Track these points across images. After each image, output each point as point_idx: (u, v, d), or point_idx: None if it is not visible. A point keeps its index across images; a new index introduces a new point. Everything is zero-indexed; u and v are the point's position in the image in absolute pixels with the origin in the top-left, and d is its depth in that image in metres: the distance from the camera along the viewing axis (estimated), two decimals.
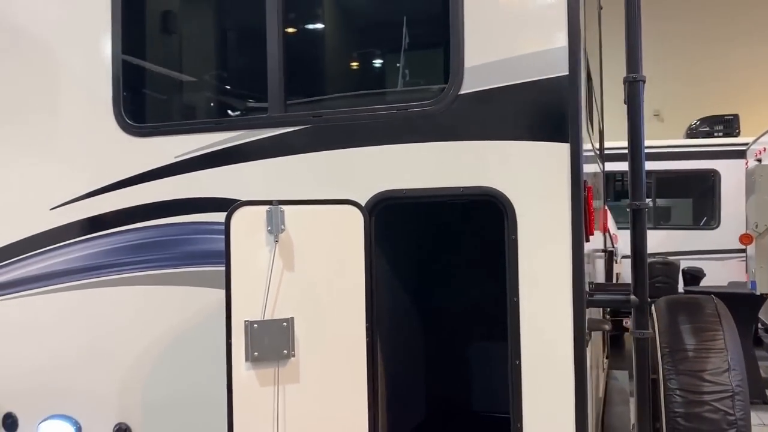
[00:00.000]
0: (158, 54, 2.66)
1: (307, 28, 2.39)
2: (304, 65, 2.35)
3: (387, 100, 2.25)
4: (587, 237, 2.19)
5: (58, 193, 2.59)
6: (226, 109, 2.62)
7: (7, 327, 2.69)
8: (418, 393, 2.80)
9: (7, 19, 2.66)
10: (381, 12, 2.40)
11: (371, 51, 2.37)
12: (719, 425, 2.22)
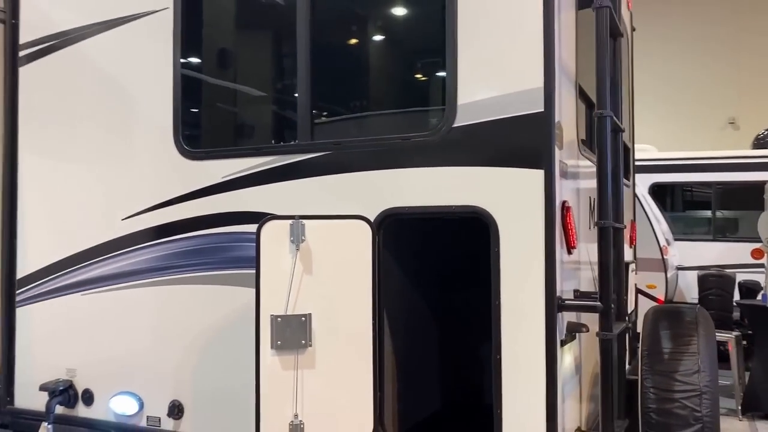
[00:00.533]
0: (209, 93, 3.14)
1: (331, 73, 2.81)
2: (327, 102, 2.78)
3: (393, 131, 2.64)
4: (569, 250, 2.51)
5: (128, 206, 3.11)
6: (263, 137, 3.07)
7: (86, 318, 3.22)
8: (432, 385, 3.15)
9: (94, 69, 3.20)
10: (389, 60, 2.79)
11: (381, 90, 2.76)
12: (687, 420, 2.48)
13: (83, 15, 3.25)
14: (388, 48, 2.85)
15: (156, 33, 3.02)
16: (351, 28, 2.85)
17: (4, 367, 3.44)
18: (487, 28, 2.40)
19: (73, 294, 3.25)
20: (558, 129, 2.41)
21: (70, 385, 3.21)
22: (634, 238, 4.65)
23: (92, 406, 3.18)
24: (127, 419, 3.08)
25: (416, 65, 2.66)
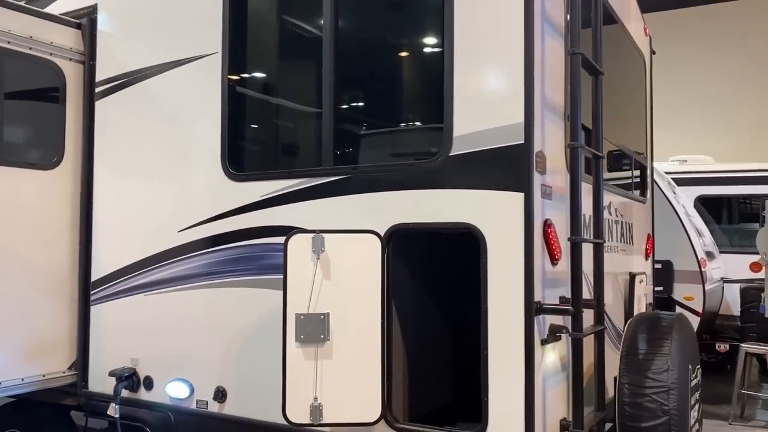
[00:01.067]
0: (249, 124, 3.66)
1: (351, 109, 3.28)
2: (347, 133, 3.25)
3: (400, 159, 3.07)
4: (553, 262, 2.89)
5: (183, 220, 3.65)
6: (294, 162, 3.56)
7: (148, 315, 3.77)
8: (443, 380, 3.55)
9: (157, 103, 3.77)
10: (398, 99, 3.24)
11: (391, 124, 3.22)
12: (655, 413, 2.82)
13: (148, 57, 3.84)
14: (397, 88, 3.30)
15: (207, 73, 3.57)
16: (369, 75, 3.32)
17: (80, 357, 4.04)
18: (478, 71, 2.82)
19: (138, 295, 3.82)
20: (540, 157, 2.79)
21: (134, 372, 3.78)
22: (650, 251, 4.92)
23: (152, 391, 3.73)
24: (180, 402, 3.61)
25: (421, 103, 3.10)
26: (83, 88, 4.07)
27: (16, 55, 3.81)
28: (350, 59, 3.21)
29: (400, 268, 3.08)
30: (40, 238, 3.90)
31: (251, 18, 3.59)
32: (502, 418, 2.72)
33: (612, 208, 3.98)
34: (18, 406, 4.55)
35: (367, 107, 3.32)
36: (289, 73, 3.60)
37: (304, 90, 3.44)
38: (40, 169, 3.92)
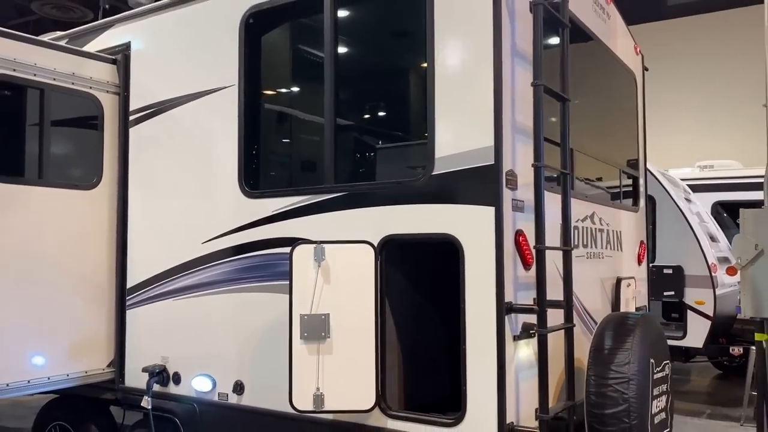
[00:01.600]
0: (262, 148, 4.12)
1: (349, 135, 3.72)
2: (346, 155, 3.68)
3: (390, 177, 3.49)
4: (525, 267, 3.26)
5: (206, 232, 4.12)
6: (300, 180, 4.00)
7: (176, 317, 4.24)
8: (437, 375, 3.93)
9: (182, 129, 4.26)
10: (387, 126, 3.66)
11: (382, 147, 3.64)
12: (617, 401, 3.17)
13: (175, 89, 4.33)
14: (386, 120, 3.74)
15: (226, 104, 4.04)
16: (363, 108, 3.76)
17: (117, 355, 4.54)
18: (455, 102, 3.23)
19: (167, 300, 4.30)
20: (510, 176, 3.18)
21: (164, 368, 4.25)
22: (642, 256, 5.23)
23: (179, 385, 4.19)
24: (204, 395, 4.07)
25: (407, 131, 3.52)
26: (119, 116, 4.59)
27: (60, 90, 4.35)
28: (347, 95, 3.66)
29: (392, 273, 3.49)
30: (82, 251, 4.41)
31: (263, 56, 4.06)
32: (478, 405, 3.10)
33: (596, 218, 4.33)
34: (62, 401, 5.08)
35: (361, 134, 3.77)
36: (295, 104, 4.07)
37: (307, 118, 3.88)
38: (82, 189, 4.44)
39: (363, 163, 3.71)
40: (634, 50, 5.41)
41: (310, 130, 3.95)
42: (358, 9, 3.82)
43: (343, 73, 3.63)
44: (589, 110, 4.93)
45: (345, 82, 3.66)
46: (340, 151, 3.63)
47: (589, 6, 4.36)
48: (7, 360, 4.04)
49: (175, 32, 4.42)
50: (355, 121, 3.78)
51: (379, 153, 3.75)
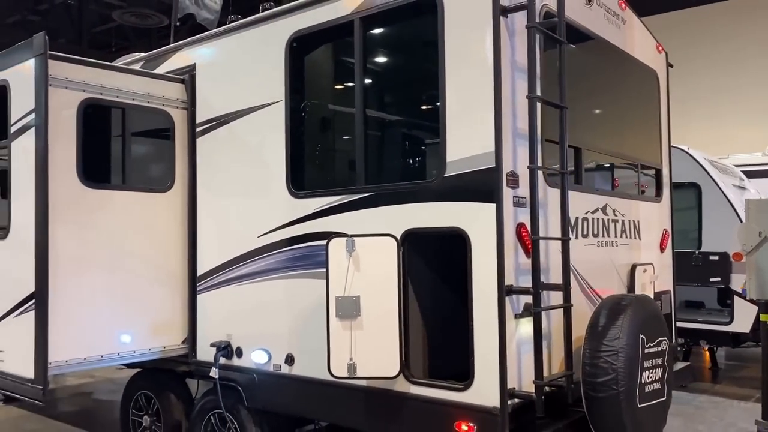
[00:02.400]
0: (306, 154, 4.75)
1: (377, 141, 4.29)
2: (375, 159, 4.26)
3: (409, 178, 4.03)
4: (526, 255, 3.75)
5: (262, 227, 4.79)
6: (337, 182, 4.61)
7: (238, 300, 4.95)
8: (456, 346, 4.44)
9: (241, 139, 4.95)
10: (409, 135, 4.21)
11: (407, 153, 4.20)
12: (606, 371, 3.63)
13: (233, 104, 5.02)
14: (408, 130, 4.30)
15: (275, 116, 4.69)
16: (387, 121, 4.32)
17: (190, 333, 5.30)
18: (462, 113, 3.75)
19: (230, 285, 5.01)
20: (511, 176, 3.68)
21: (228, 344, 4.97)
22: (664, 244, 5.57)
23: (241, 358, 4.90)
24: (261, 366, 4.75)
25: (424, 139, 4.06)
26: (187, 129, 5.33)
27: (138, 108, 5.13)
28: (374, 108, 4.24)
29: (413, 262, 4.05)
30: (159, 244, 5.19)
31: (305, 74, 4.69)
32: (484, 373, 3.64)
33: (609, 209, 4.75)
34: (145, 374, 5.92)
35: (387, 142, 4.34)
36: (332, 116, 4.67)
37: (342, 128, 4.49)
38: (158, 192, 5.21)
39: (388, 166, 4.29)
40: (656, 49, 5.73)
41: (344, 139, 4.55)
42: (383, 32, 4.39)
43: (370, 90, 4.21)
44: (608, 109, 5.32)
45: (372, 97, 4.24)
46: (369, 157, 4.22)
47: (600, 16, 4.75)
48: (100, 337, 4.85)
49: (232, 55, 5.12)
50: (381, 130, 4.36)
51: (401, 157, 4.32)
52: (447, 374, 3.95)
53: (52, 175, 4.51)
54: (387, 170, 4.28)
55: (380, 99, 4.37)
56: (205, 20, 8.58)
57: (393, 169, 4.28)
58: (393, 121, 4.37)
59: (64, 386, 9.24)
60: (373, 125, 4.29)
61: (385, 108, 4.38)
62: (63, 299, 4.58)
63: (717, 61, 15.93)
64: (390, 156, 4.37)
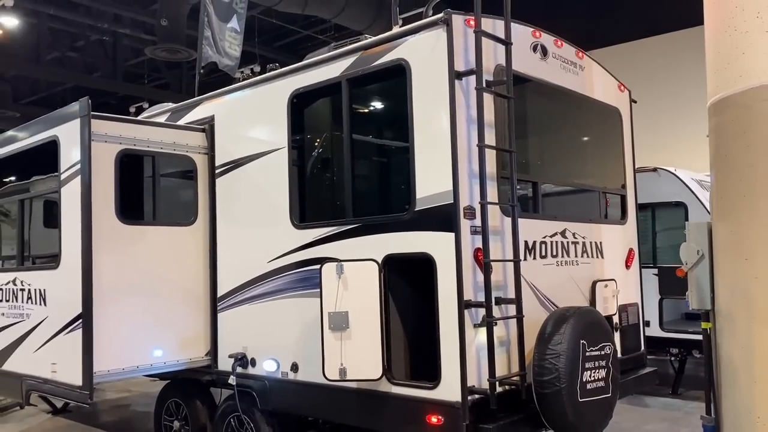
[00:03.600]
0: (304, 191, 5.59)
1: (361, 181, 5.11)
2: (360, 196, 5.07)
3: (387, 212, 4.83)
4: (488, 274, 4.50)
5: (270, 254, 5.62)
6: (331, 215, 5.43)
7: (252, 317, 5.77)
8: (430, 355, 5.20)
9: (251, 179, 5.82)
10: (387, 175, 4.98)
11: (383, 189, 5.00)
12: (550, 370, 4.35)
13: (245, 150, 5.90)
14: (387, 172, 5.11)
15: (279, 161, 5.55)
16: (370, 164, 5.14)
17: (212, 347, 6.13)
18: (427, 158, 4.54)
19: (244, 305, 5.85)
20: (468, 209, 4.45)
21: (244, 355, 5.78)
22: (629, 263, 6.25)
23: (255, 367, 5.72)
24: (271, 373, 5.55)
25: (400, 179, 4.87)
26: (207, 171, 6.23)
27: (166, 155, 6.04)
28: (359, 155, 5.08)
29: (392, 281, 4.81)
30: (185, 270, 6.06)
31: (304, 126, 5.55)
32: (448, 374, 4.38)
33: (568, 233, 5.47)
34: (175, 384, 6.77)
35: (369, 181, 5.16)
36: (325, 161, 5.52)
37: (333, 170, 5.33)
38: (183, 226, 6.10)
39: (371, 202, 5.10)
40: (618, 88, 6.46)
41: (335, 178, 5.39)
42: (364, 90, 5.23)
43: (355, 137, 5.05)
44: (570, 145, 6.07)
45: (357, 144, 5.07)
46: (355, 194, 5.04)
47: (556, 66, 5.52)
48: (136, 350, 5.72)
49: (244, 108, 6.01)
50: (365, 170, 5.18)
51: (381, 194, 5.13)
52: (421, 375, 4.70)
53: (94, 214, 5.42)
54: (369, 205, 5.09)
55: (364, 145, 5.21)
56: (226, 66, 9.54)
57: (374, 204, 5.09)
58: (374, 162, 5.21)
59: (104, 399, 10.17)
60: (358, 166, 5.11)
61: (367, 152, 5.22)
62: (105, 319, 5.46)
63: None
64: (372, 193, 5.19)
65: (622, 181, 6.41)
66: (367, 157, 5.23)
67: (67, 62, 22.23)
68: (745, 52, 4.38)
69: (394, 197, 5.04)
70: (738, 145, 4.42)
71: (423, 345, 4.71)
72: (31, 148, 6.26)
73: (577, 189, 5.99)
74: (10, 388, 6.47)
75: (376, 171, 5.29)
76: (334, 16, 16.52)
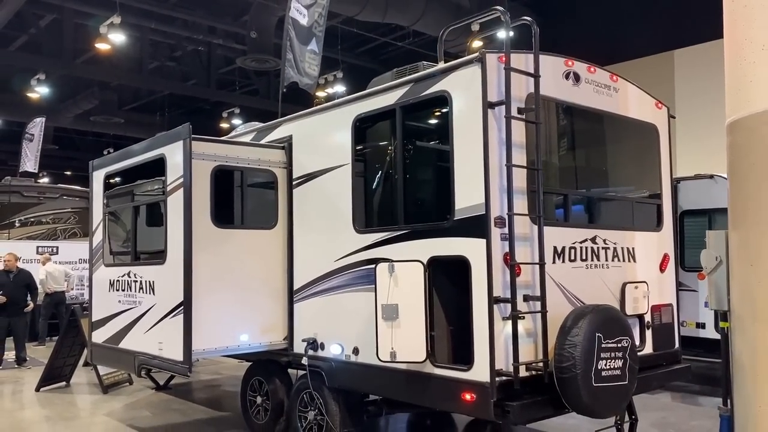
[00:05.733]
0: (364, 201, 6.51)
1: (411, 192, 5.99)
2: (409, 206, 5.96)
3: (432, 220, 5.69)
4: (516, 275, 5.26)
5: (337, 254, 6.58)
6: (386, 221, 6.32)
7: (321, 308, 6.75)
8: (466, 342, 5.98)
9: (322, 190, 6.81)
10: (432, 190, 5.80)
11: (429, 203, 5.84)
12: (568, 358, 5.07)
13: (317, 165, 6.90)
14: (431, 185, 5.96)
15: (344, 175, 6.51)
16: (418, 178, 6.01)
17: (289, 332, 7.17)
18: (465, 175, 5.35)
19: (315, 297, 6.84)
20: (499, 219, 5.22)
21: (315, 339, 6.77)
22: (664, 267, 6.80)
23: (324, 350, 6.70)
24: (337, 356, 6.51)
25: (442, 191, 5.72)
26: (286, 183, 7.28)
27: (253, 169, 7.14)
28: (409, 171, 5.96)
29: (435, 279, 5.65)
30: (267, 267, 7.13)
31: (365, 146, 6.48)
32: (480, 359, 5.18)
33: (598, 239, 6.13)
34: (258, 364, 7.86)
35: (417, 194, 6.03)
36: (381, 175, 6.43)
37: (388, 184, 6.23)
38: (266, 229, 7.18)
39: (419, 211, 5.96)
40: (655, 106, 7.02)
41: (390, 191, 6.29)
42: (415, 118, 6.11)
43: (406, 157, 5.94)
44: (609, 160, 6.71)
45: (408, 162, 5.96)
46: (406, 205, 5.93)
47: (589, 91, 6.19)
48: (227, 333, 6.83)
49: (317, 129, 7.02)
50: (415, 187, 6.06)
51: (427, 205, 5.99)
52: (458, 359, 5.52)
53: (194, 220, 6.55)
54: (417, 214, 5.95)
55: (413, 162, 6.08)
56: (306, 85, 10.63)
57: (421, 214, 5.95)
58: (422, 178, 6.08)
59: (199, 380, 11.53)
60: (409, 181, 6.00)
61: (416, 169, 6.09)
62: (202, 306, 6.59)
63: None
64: (420, 204, 6.05)
65: (658, 191, 6.96)
66: (416, 172, 6.10)
67: (165, 71, 24.28)
68: (752, 80, 4.93)
69: (437, 208, 5.86)
70: (746, 162, 4.98)
71: (460, 333, 5.53)
72: (143, 162, 7.52)
73: (612, 198, 6.61)
74: (125, 362, 7.76)
75: (424, 185, 6.17)
76: (412, 24, 17.48)
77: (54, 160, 32.43)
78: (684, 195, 10.50)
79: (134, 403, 9.79)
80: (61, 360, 10.79)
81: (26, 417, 9.06)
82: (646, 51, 17.71)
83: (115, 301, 7.92)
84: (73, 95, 24.97)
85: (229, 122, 24.85)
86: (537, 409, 5.27)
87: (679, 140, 15.83)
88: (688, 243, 10.14)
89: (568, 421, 8.02)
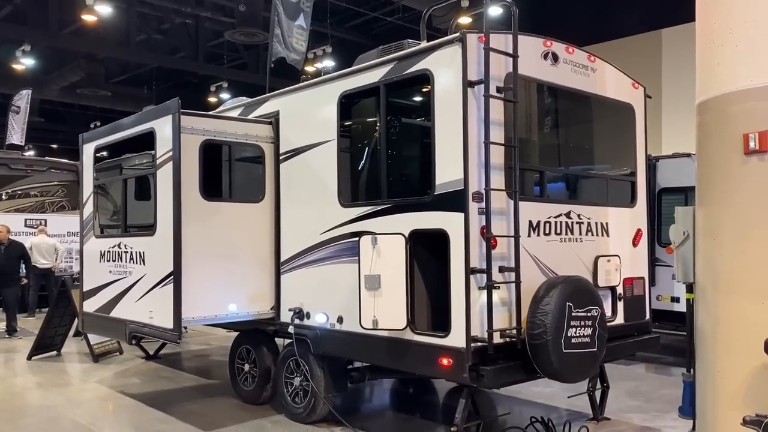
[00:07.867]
0: (348, 176, 6.72)
1: (393, 166, 6.22)
2: (393, 179, 6.18)
3: (413, 195, 5.93)
4: (492, 247, 5.52)
5: (322, 227, 6.81)
6: (369, 196, 6.55)
7: (307, 279, 6.99)
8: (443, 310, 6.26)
9: (308, 165, 7.02)
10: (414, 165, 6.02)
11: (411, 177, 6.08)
12: (539, 325, 5.36)
13: (303, 140, 7.09)
14: (412, 160, 6.19)
15: (330, 150, 6.71)
16: (400, 154, 6.24)
17: (276, 302, 7.42)
18: (445, 151, 5.58)
19: (302, 268, 7.08)
20: (477, 194, 5.46)
21: (300, 309, 7.03)
22: (637, 241, 7.09)
23: (310, 319, 6.96)
24: (322, 325, 6.78)
25: (423, 166, 5.94)
26: (273, 157, 7.47)
27: (240, 144, 7.32)
28: (392, 147, 6.18)
29: (416, 251, 5.90)
30: (255, 239, 7.35)
31: (350, 122, 6.67)
32: (457, 326, 5.46)
33: (573, 214, 6.39)
34: (245, 334, 8.12)
35: (400, 169, 6.25)
36: (366, 151, 6.64)
37: (372, 159, 6.45)
38: (253, 203, 7.39)
39: (401, 186, 6.20)
40: (632, 86, 7.25)
41: (373, 167, 6.51)
42: (399, 95, 6.31)
43: (389, 133, 6.15)
44: (586, 138, 6.95)
45: (391, 138, 6.17)
46: (389, 180, 6.15)
47: (567, 71, 6.40)
48: (215, 303, 7.06)
49: (303, 104, 7.20)
50: (397, 160, 6.28)
51: (409, 180, 6.22)
52: (437, 326, 5.80)
53: (183, 192, 6.74)
54: (399, 189, 6.18)
55: (397, 139, 6.30)
56: (294, 60, 10.75)
57: (404, 189, 6.18)
58: (404, 153, 6.30)
59: (188, 350, 11.80)
60: (392, 157, 6.22)
61: (399, 145, 6.31)
62: (191, 276, 6.81)
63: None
64: (402, 179, 6.28)
65: (632, 169, 7.23)
66: (398, 149, 6.32)
67: (153, 44, 24.16)
68: (719, 62, 5.17)
69: (419, 183, 6.10)
70: (713, 142, 5.24)
71: (439, 302, 5.80)
72: (132, 136, 7.67)
73: (588, 175, 6.87)
74: (116, 330, 8.00)
75: (406, 161, 6.39)
76: None
77: (40, 132, 32.30)
78: (662, 173, 10.79)
79: (124, 371, 10.05)
80: (52, 330, 11.02)
81: (18, 383, 9.30)
82: (634, 30, 17.92)
83: (106, 271, 8.13)
84: (59, 67, 24.83)
85: (217, 96, 24.82)
86: (510, 374, 5.57)
87: (666, 118, 16.12)
88: (665, 220, 10.45)
89: (545, 390, 8.41)
